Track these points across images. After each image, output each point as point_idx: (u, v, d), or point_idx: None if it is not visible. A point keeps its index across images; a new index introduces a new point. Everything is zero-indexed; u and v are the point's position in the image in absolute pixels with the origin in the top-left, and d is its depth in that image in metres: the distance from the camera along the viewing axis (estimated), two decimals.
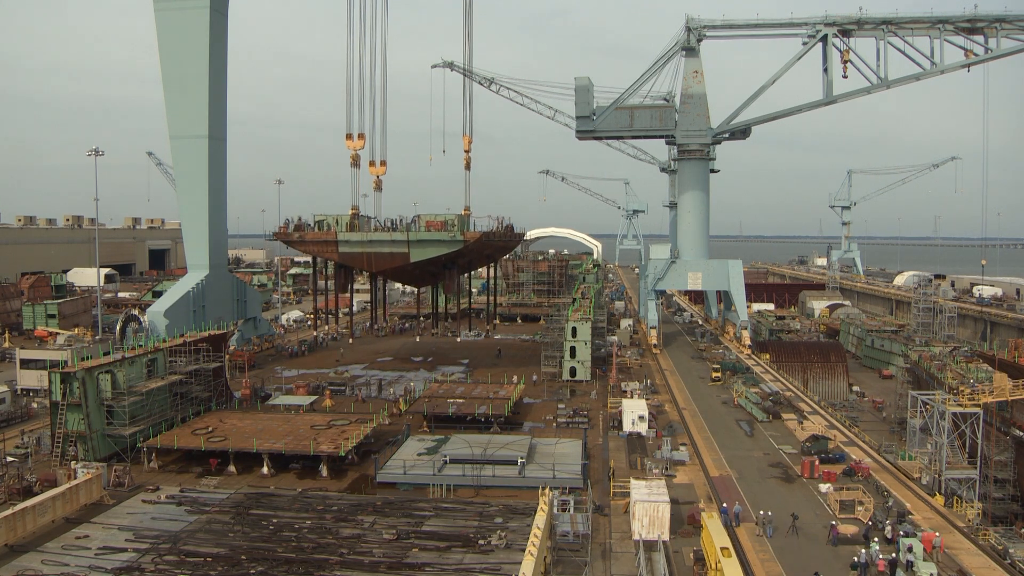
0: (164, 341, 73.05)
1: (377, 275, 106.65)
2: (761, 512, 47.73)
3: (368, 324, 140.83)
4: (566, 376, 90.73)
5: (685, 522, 47.56)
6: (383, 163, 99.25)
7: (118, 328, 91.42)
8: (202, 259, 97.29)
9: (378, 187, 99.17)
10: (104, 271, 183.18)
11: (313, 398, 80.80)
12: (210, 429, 63.36)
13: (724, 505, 48.40)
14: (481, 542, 43.73)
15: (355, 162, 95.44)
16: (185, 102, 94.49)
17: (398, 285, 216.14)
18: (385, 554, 42.42)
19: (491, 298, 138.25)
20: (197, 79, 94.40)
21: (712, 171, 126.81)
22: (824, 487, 53.30)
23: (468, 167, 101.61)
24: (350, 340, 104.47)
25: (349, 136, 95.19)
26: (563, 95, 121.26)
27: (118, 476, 54.46)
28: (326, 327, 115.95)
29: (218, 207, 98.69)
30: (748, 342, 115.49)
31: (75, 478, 51.37)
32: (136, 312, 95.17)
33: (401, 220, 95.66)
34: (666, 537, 44.79)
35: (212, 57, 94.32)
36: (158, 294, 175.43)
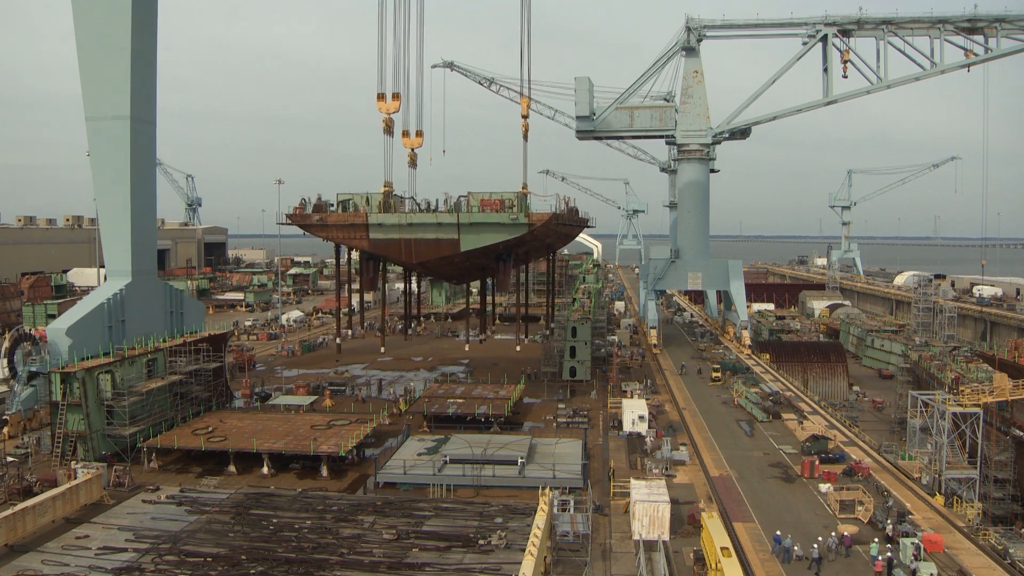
0: (64, 366, 62.59)
1: (412, 269, 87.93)
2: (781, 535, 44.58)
3: (368, 325, 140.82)
4: (566, 376, 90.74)
5: (685, 522, 47.57)
6: (419, 133, 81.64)
7: (3, 349, 75.18)
8: (123, 264, 79.63)
9: (412, 163, 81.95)
10: (104, 271, 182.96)
11: (313, 398, 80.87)
12: (210, 429, 63.39)
13: (778, 533, 44.57)
14: (481, 542, 43.73)
15: (388, 128, 78.16)
16: (103, 75, 78.41)
17: (399, 284, 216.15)
18: (385, 554, 42.41)
19: (551, 296, 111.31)
20: (117, 47, 77.66)
21: (712, 171, 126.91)
22: (824, 487, 53.30)
23: (526, 136, 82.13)
24: (382, 348, 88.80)
25: (381, 96, 78.21)
26: (563, 95, 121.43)
27: (118, 476, 54.49)
28: (349, 331, 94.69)
29: (144, 202, 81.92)
30: (748, 342, 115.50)
31: (75, 478, 51.38)
32: (32, 330, 77.90)
33: (447, 200, 77.79)
34: (666, 537, 44.80)
35: (136, 19, 77.92)
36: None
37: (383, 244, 76.05)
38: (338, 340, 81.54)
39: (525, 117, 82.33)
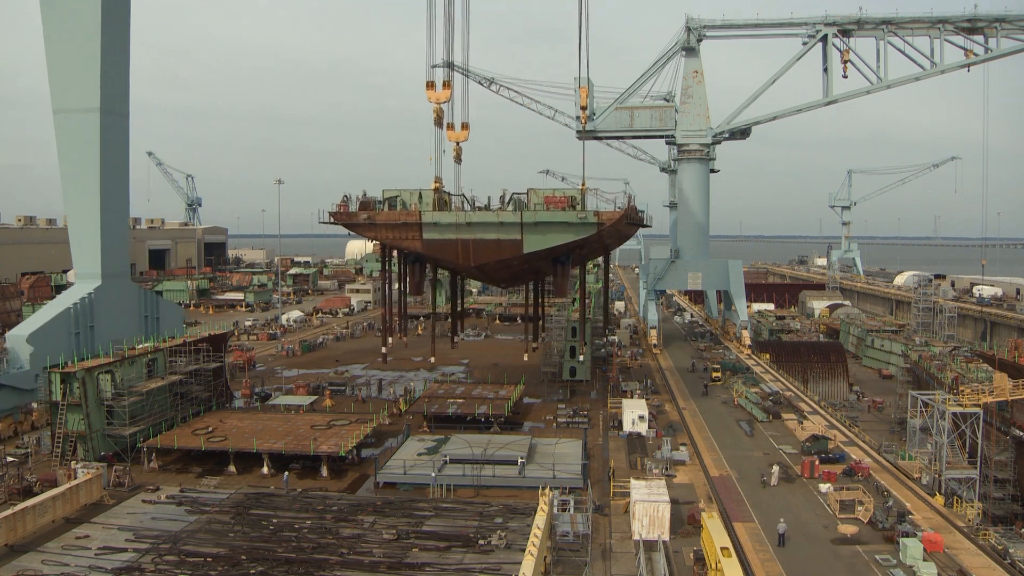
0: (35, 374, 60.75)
1: (461, 273, 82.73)
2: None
3: (368, 325, 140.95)
4: (566, 376, 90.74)
5: (685, 522, 47.58)
6: (464, 126, 76.24)
7: None
8: (92, 266, 74.79)
9: (457, 157, 75.87)
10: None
11: (313, 398, 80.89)
12: (210, 429, 63.39)
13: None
14: (481, 542, 43.73)
15: (439, 119, 72.32)
16: (71, 64, 73.73)
17: (399, 284, 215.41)
18: (385, 554, 42.42)
19: (606, 300, 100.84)
20: (86, 34, 72.76)
21: (712, 171, 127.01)
22: (824, 487, 53.33)
23: (584, 127, 78.10)
24: (432, 359, 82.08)
25: (430, 84, 72.51)
26: (563, 95, 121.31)
27: (118, 476, 54.50)
28: (390, 339, 79.96)
29: (115, 200, 76.91)
30: (748, 342, 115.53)
31: (75, 478, 51.39)
32: None
33: (502, 197, 71.30)
34: (666, 537, 44.82)
35: (106, 4, 73.78)
36: (158, 294, 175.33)
37: (438, 245, 68.47)
38: (384, 348, 76.13)
39: (584, 108, 76.46)
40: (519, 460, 56.10)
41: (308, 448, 58.15)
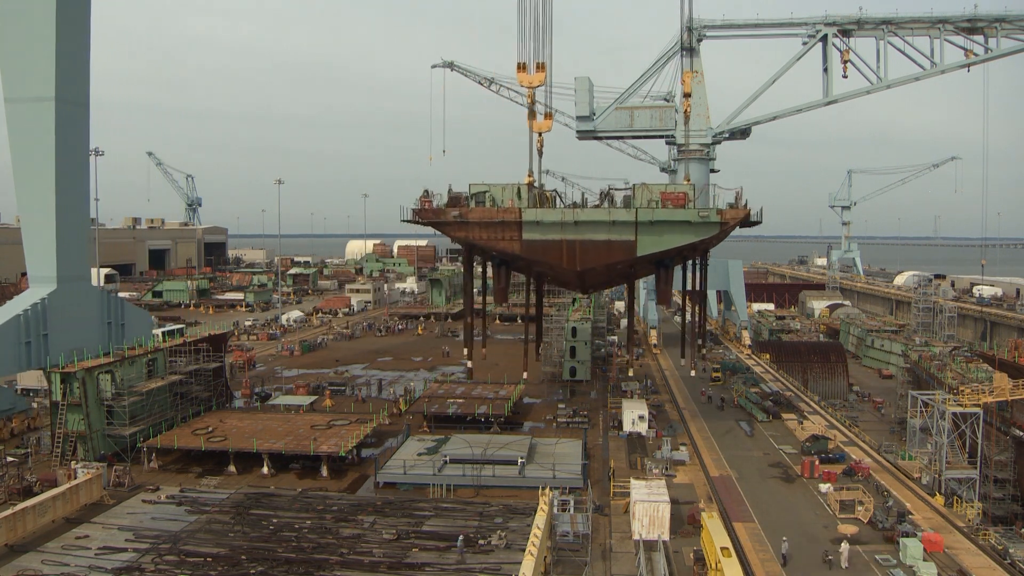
0: None
1: (546, 277, 74.28)
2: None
3: (368, 325, 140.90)
4: (566, 376, 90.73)
5: (685, 522, 47.58)
6: (548, 115, 69.50)
7: None
8: (47, 269, 69.20)
9: (540, 149, 68.66)
10: (104, 271, 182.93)
11: (313, 398, 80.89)
12: (210, 429, 63.40)
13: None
14: (481, 542, 43.75)
15: (532, 105, 66.60)
16: (25, 48, 67.53)
17: (399, 284, 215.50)
18: (385, 554, 42.43)
19: (701, 313, 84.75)
20: (40, 15, 67.11)
21: (712, 171, 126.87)
22: (824, 487, 53.32)
23: (688, 118, 70.22)
24: (524, 374, 74.83)
25: (522, 67, 65.20)
26: (563, 95, 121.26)
27: (118, 476, 54.51)
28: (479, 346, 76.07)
29: (73, 197, 70.35)
30: (748, 342, 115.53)
31: (75, 478, 51.40)
32: None
33: (603, 192, 63.50)
34: (666, 537, 44.81)
35: None
36: (158, 294, 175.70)
37: (539, 247, 59.62)
38: (469, 364, 69.52)
39: (687, 96, 70.82)
40: (519, 460, 56.11)
41: (308, 448, 58.16)
